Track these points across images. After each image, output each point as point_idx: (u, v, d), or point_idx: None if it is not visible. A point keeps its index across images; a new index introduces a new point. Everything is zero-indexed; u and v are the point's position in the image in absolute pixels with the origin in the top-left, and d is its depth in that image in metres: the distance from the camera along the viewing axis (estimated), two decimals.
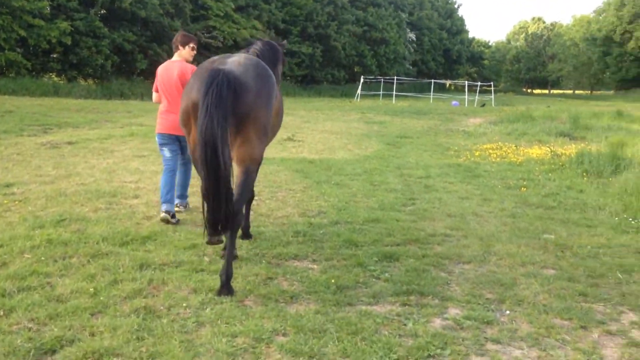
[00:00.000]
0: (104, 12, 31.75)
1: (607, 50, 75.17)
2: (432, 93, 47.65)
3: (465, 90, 46.05)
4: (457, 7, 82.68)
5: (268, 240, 6.21)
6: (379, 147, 15.29)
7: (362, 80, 45.17)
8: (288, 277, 5.16)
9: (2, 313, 4.11)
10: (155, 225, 6.53)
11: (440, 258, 5.88)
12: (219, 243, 4.78)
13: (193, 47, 7.18)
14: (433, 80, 51.72)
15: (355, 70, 55.99)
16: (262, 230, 6.59)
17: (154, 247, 5.79)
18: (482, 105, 40.52)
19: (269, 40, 6.33)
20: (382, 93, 45.72)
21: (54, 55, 30.07)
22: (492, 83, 52.33)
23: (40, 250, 5.45)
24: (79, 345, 3.70)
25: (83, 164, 10.17)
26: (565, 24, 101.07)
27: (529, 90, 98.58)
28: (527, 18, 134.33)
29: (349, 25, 51.85)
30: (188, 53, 7.14)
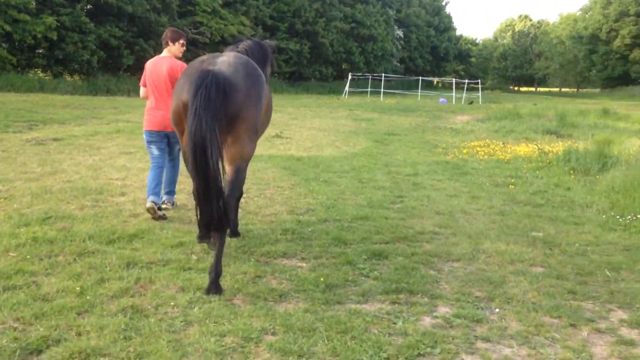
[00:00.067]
0: (90, 7, 31.51)
1: (593, 48, 75.68)
2: (419, 90, 47.68)
3: (453, 88, 46.14)
4: (444, 4, 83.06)
5: (256, 238, 6.17)
6: (367, 144, 15.28)
7: (349, 77, 45.16)
8: (277, 275, 5.13)
9: None
10: (142, 223, 6.47)
11: (430, 256, 5.87)
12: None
13: (183, 43, 7.14)
14: (421, 78, 51.75)
15: (343, 67, 55.96)
16: (250, 228, 6.55)
17: (141, 245, 5.73)
18: (469, 103, 40.67)
19: (260, 41, 6.35)
20: (369, 90, 45.68)
21: (40, 51, 29.81)
22: (479, 80, 52.65)
23: (26, 249, 5.38)
24: (65, 345, 3.65)
25: (69, 161, 10.08)
26: (552, 22, 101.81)
27: (516, 88, 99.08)
28: (514, 16, 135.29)
29: (337, 22, 51.86)
30: (177, 49, 7.10)
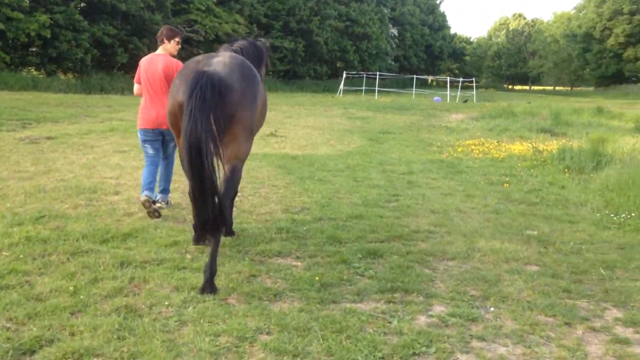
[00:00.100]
0: (84, 5, 31.41)
1: (587, 47, 75.95)
2: (414, 89, 47.77)
3: (447, 86, 46.29)
4: (438, 2, 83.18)
5: (251, 237, 6.14)
6: (362, 142, 15.27)
7: (344, 76, 45.15)
8: (271, 274, 5.11)
9: None
10: (136, 222, 6.44)
11: (425, 255, 5.86)
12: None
13: (178, 41, 7.15)
14: (415, 76, 51.92)
15: (338, 66, 55.97)
16: (245, 227, 6.52)
17: (135, 244, 5.70)
18: (464, 102, 40.71)
19: (255, 41, 6.40)
20: (364, 88, 45.73)
21: (33, 49, 29.68)
22: (473, 79, 52.68)
23: (19, 248, 5.34)
24: (59, 345, 3.63)
25: (62, 160, 10.03)
26: (546, 21, 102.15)
27: (510, 87, 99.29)
28: (508, 14, 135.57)
29: (332, 20, 51.85)
30: (173, 47, 7.09)
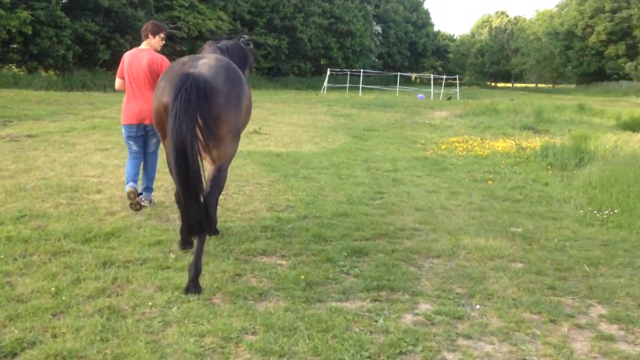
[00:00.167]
0: (66, 1, 31.03)
1: (569, 45, 76.57)
2: (398, 86, 47.87)
3: (431, 84, 46.43)
4: (422, 0, 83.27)
5: (236, 236, 6.10)
6: (346, 140, 15.25)
7: (328, 73, 45.09)
8: (256, 273, 5.07)
9: None
10: (119, 221, 6.37)
11: (410, 252, 5.86)
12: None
13: (163, 37, 7.20)
14: (399, 73, 51.93)
15: (322, 63, 55.97)
16: (229, 226, 6.48)
17: (118, 243, 5.63)
18: (448, 99, 40.84)
19: (240, 43, 6.43)
20: (348, 86, 45.74)
21: (14, 46, 29.26)
22: (457, 76, 52.91)
23: None
24: (41, 348, 3.57)
25: (44, 158, 9.91)
26: (529, 19, 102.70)
27: (493, 84, 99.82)
28: (491, 12, 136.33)
29: (315, 17, 51.82)
30: (157, 43, 7.14)
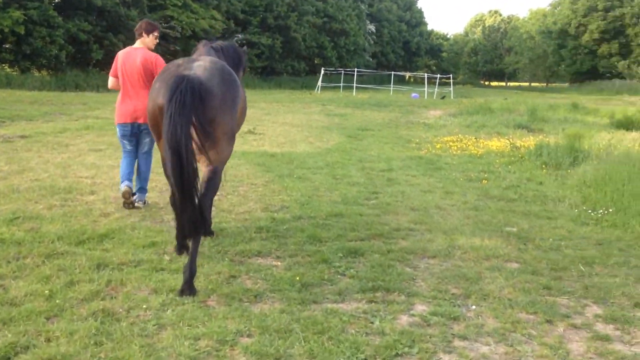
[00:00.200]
0: (58, 0, 30.87)
1: (562, 43, 76.77)
2: (392, 85, 47.88)
3: (425, 83, 46.43)
4: None
5: (230, 237, 6.07)
6: (341, 139, 15.23)
7: (322, 72, 45.05)
8: (252, 275, 5.05)
9: None
10: (113, 223, 6.33)
11: (405, 253, 5.84)
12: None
13: (157, 35, 7.22)
14: (393, 73, 51.93)
15: (316, 62, 55.94)
16: (224, 227, 6.45)
17: (112, 245, 5.60)
18: (442, 98, 40.88)
19: (234, 45, 6.46)
20: (342, 85, 45.72)
21: (7, 46, 29.17)
22: (451, 75, 52.90)
23: None
24: (34, 352, 3.53)
25: (37, 159, 9.85)
26: (522, 17, 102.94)
27: (487, 83, 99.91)
28: (484, 11, 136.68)
29: (309, 16, 51.77)
30: (151, 41, 7.15)
